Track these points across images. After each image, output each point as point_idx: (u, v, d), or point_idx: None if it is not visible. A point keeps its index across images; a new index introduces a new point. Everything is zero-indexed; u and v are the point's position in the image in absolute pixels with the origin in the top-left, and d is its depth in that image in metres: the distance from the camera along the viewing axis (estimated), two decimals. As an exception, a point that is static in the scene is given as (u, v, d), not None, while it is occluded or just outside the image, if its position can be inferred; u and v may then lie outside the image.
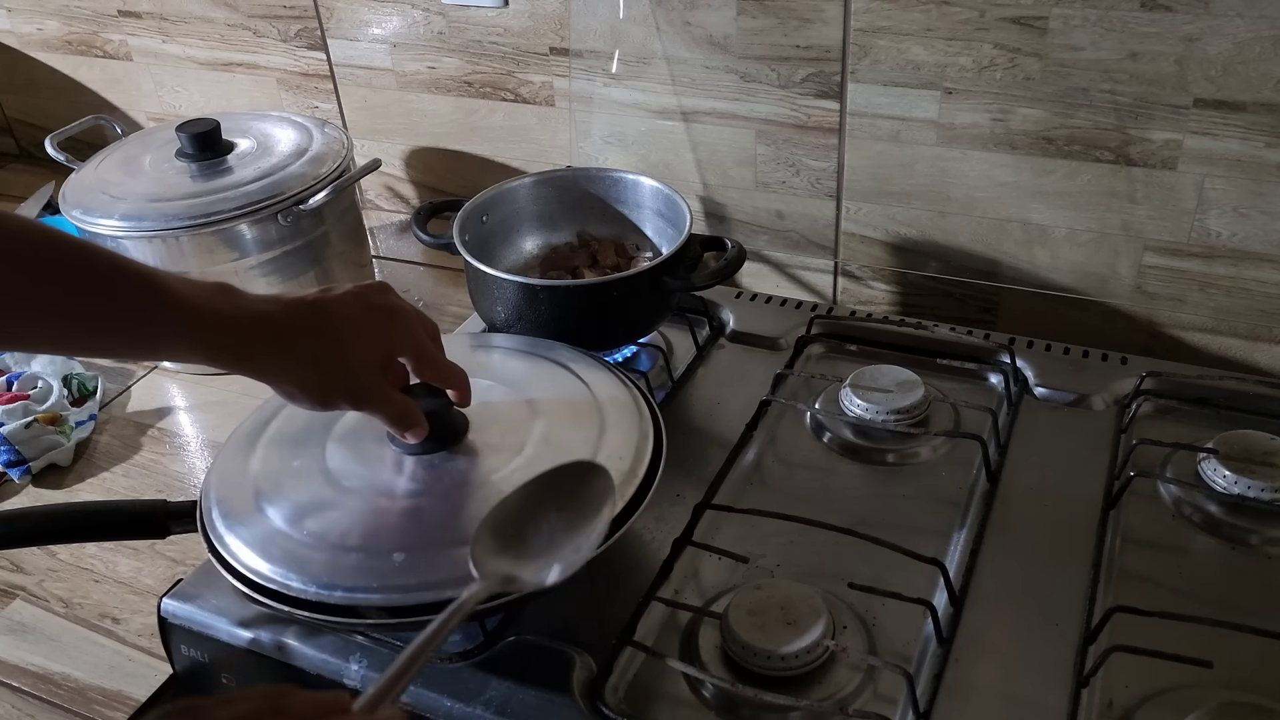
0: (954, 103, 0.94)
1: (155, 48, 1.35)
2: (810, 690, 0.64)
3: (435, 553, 0.63)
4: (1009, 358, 0.91)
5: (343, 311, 0.65)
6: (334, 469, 0.71)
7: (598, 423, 0.73)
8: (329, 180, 1.06)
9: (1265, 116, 0.84)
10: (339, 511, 0.67)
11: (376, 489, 0.69)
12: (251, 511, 0.68)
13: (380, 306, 0.66)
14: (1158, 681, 0.63)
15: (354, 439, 0.73)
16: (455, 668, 0.68)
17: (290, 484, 0.70)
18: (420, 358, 0.68)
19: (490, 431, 0.72)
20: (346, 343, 0.64)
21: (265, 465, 0.72)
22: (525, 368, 0.80)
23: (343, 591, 0.62)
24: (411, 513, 0.67)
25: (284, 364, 0.64)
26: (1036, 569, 0.72)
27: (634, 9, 1.03)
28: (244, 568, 0.65)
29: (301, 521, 0.67)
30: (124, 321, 0.60)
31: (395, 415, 0.67)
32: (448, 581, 0.61)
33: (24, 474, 0.95)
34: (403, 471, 0.70)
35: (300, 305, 0.64)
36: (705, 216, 1.12)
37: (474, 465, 0.70)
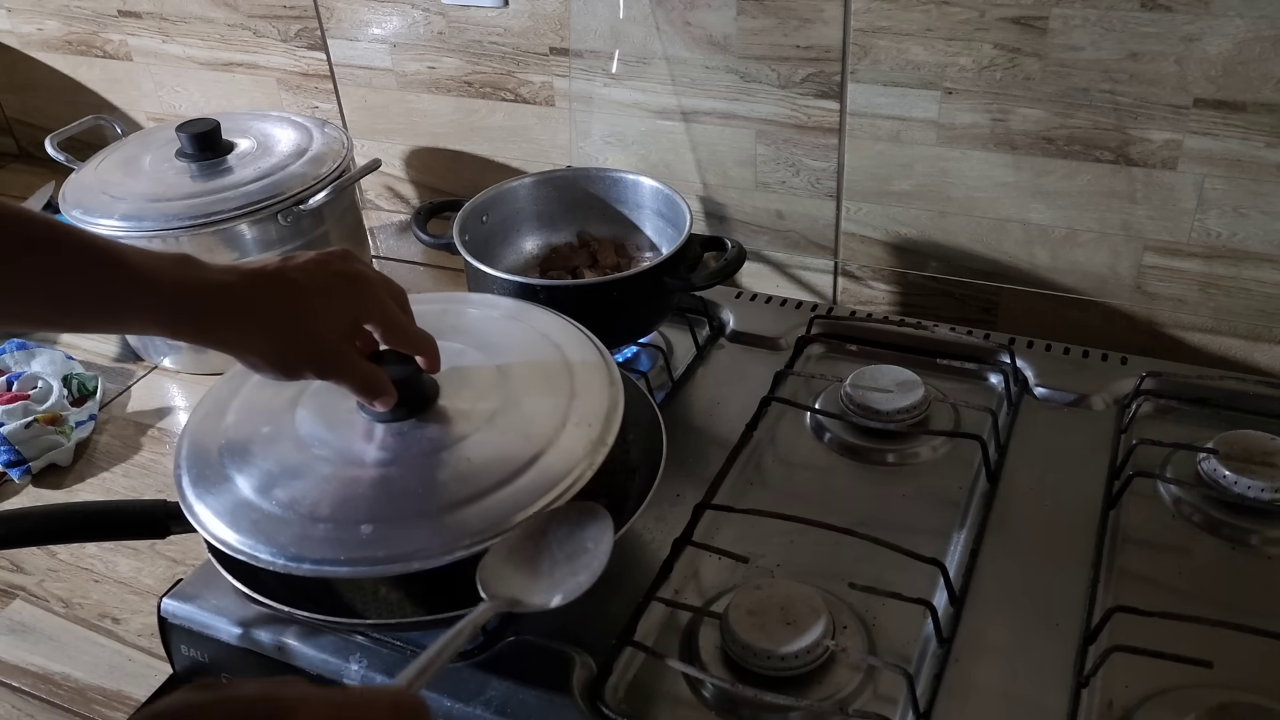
0: (954, 103, 0.94)
1: (155, 48, 1.35)
2: (810, 690, 0.64)
3: (403, 525, 0.62)
4: (1009, 358, 0.91)
5: (304, 280, 0.63)
6: (304, 435, 0.69)
7: (568, 389, 0.71)
8: (329, 180, 1.06)
9: (1265, 116, 0.84)
10: (308, 480, 0.66)
11: (345, 457, 0.67)
12: (221, 480, 0.67)
13: (343, 273, 0.65)
14: (1158, 681, 0.63)
15: (324, 405, 0.71)
16: (455, 668, 0.68)
17: (259, 451, 0.69)
18: (387, 324, 0.67)
19: (460, 397, 0.71)
20: (309, 311, 0.63)
21: (235, 431, 0.71)
22: (495, 330, 0.79)
23: (310, 564, 0.61)
24: (380, 482, 0.66)
25: (245, 335, 0.62)
26: (1036, 569, 0.72)
27: (634, 9, 1.03)
28: (213, 538, 0.64)
29: (270, 490, 0.65)
30: (85, 295, 0.59)
31: (362, 384, 0.66)
32: (415, 554, 0.60)
33: (24, 474, 0.95)
34: (372, 439, 0.68)
35: (261, 275, 0.62)
36: (705, 216, 1.12)
37: (444, 432, 0.68)
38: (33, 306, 0.59)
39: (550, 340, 0.77)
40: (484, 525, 0.61)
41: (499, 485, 0.63)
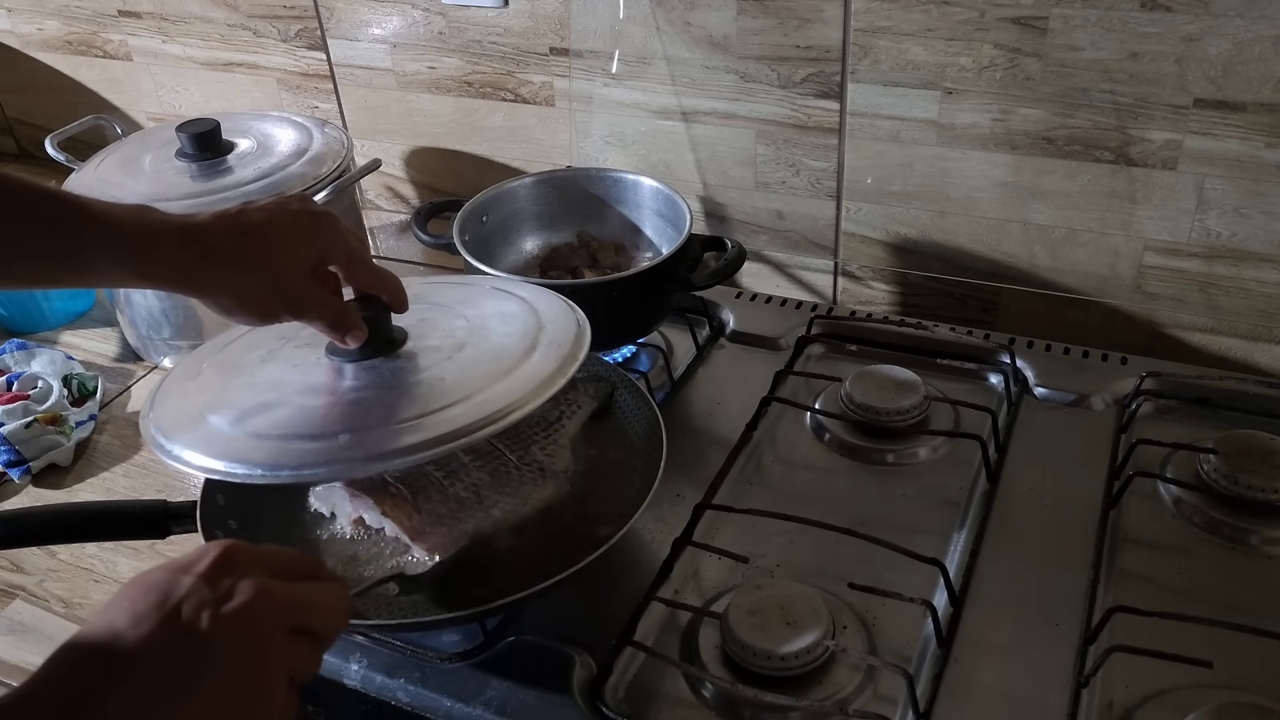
0: (954, 103, 0.94)
1: (155, 48, 1.35)
2: (810, 690, 0.64)
3: (380, 430, 0.61)
4: (1009, 358, 0.91)
5: (266, 219, 0.63)
6: (277, 378, 0.69)
7: (535, 324, 0.72)
8: (329, 180, 1.06)
9: (1265, 116, 0.84)
10: (283, 410, 0.66)
11: (319, 390, 0.67)
12: (196, 424, 0.66)
13: (303, 212, 0.65)
14: (1158, 681, 0.63)
15: (295, 356, 0.71)
16: (455, 668, 0.68)
17: (234, 397, 0.68)
18: (352, 262, 0.67)
19: (428, 338, 0.71)
20: (276, 249, 0.63)
21: (206, 389, 0.70)
22: (460, 292, 0.79)
23: (290, 470, 0.60)
24: (354, 403, 0.65)
25: (213, 276, 0.62)
26: (1036, 569, 0.72)
27: (634, 9, 1.03)
28: (187, 466, 0.63)
29: (244, 423, 0.65)
30: (50, 246, 0.59)
31: (333, 319, 0.65)
32: (395, 452, 0.60)
33: (24, 474, 0.95)
34: (344, 376, 0.68)
35: (224, 218, 0.62)
36: (705, 216, 1.12)
37: (415, 363, 0.68)
38: None
39: (513, 294, 0.78)
40: (466, 423, 0.61)
41: (476, 393, 0.63)
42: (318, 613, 0.48)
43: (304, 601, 0.48)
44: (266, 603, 0.45)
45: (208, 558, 0.46)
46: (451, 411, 0.62)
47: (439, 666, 0.68)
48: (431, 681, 0.67)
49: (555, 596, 0.65)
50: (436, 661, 0.68)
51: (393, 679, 0.68)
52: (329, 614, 0.49)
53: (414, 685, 0.67)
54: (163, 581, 0.45)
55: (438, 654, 0.68)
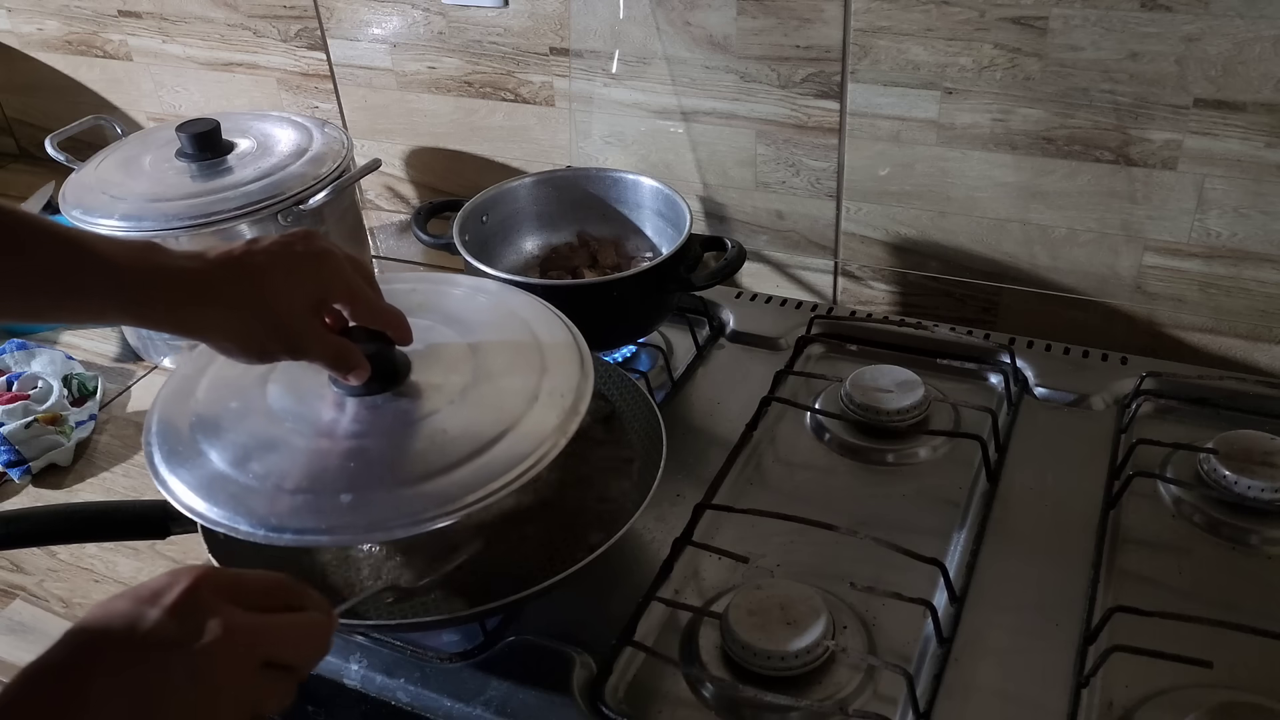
0: (954, 103, 0.94)
1: (155, 48, 1.35)
2: (810, 690, 0.64)
3: (382, 492, 0.61)
4: (1009, 358, 0.91)
5: (267, 261, 0.63)
6: (276, 409, 0.69)
7: (539, 363, 0.71)
8: (329, 180, 1.06)
9: (1265, 116, 0.84)
10: (282, 452, 0.65)
11: (319, 429, 0.67)
12: (194, 455, 0.66)
13: (307, 252, 0.64)
14: (1158, 681, 0.63)
15: (295, 380, 0.71)
16: (455, 668, 0.68)
17: (231, 425, 0.68)
18: (354, 300, 0.66)
19: (432, 371, 0.70)
20: (273, 291, 0.62)
21: (205, 407, 0.70)
22: (466, 307, 0.79)
23: (292, 534, 0.60)
24: (357, 453, 0.65)
25: (210, 316, 0.62)
26: (1036, 569, 0.72)
27: (634, 9, 1.03)
28: (190, 512, 0.63)
29: (246, 463, 0.65)
30: (50, 284, 0.59)
31: (333, 358, 0.65)
32: (396, 521, 0.60)
33: (24, 474, 0.94)
34: (345, 412, 0.68)
35: (224, 258, 0.62)
36: (705, 216, 1.12)
37: (417, 405, 0.68)
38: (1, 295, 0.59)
39: (519, 318, 0.77)
40: (462, 492, 0.61)
41: (475, 454, 0.63)
42: (291, 646, 0.47)
43: (276, 635, 0.47)
44: (235, 641, 0.44)
45: (175, 590, 0.45)
46: (454, 476, 0.62)
47: (439, 666, 0.68)
48: (431, 681, 0.67)
49: (555, 596, 0.65)
50: (436, 661, 0.68)
51: (393, 679, 0.68)
52: (303, 645, 0.48)
53: (414, 685, 0.67)
54: (127, 613, 0.44)
55: (438, 654, 0.68)
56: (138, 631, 0.43)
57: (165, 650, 0.43)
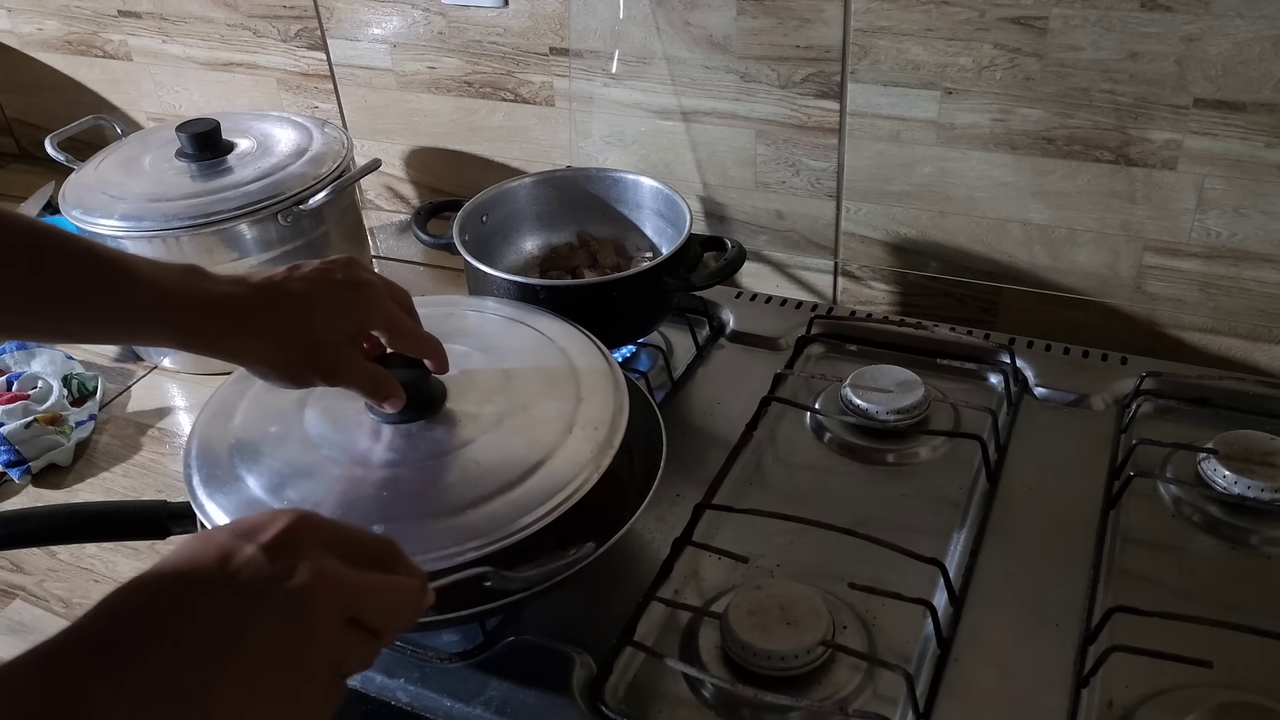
0: (954, 103, 0.94)
1: (155, 48, 1.35)
2: (810, 690, 0.64)
3: (414, 525, 0.62)
4: (1009, 358, 0.91)
5: (307, 289, 0.64)
6: (312, 436, 0.70)
7: (574, 392, 0.72)
8: (329, 180, 1.06)
9: (1265, 116, 0.84)
10: (318, 480, 0.67)
11: (354, 458, 0.68)
12: (231, 479, 0.67)
13: (346, 281, 0.66)
14: (1158, 681, 0.63)
15: (332, 406, 0.72)
16: (455, 668, 0.68)
17: (269, 450, 0.69)
18: (392, 329, 0.68)
19: (468, 399, 0.71)
20: (311, 320, 0.64)
21: (244, 432, 0.71)
22: (502, 333, 0.80)
23: None
24: (390, 483, 0.66)
25: (249, 343, 0.64)
26: (1036, 569, 0.72)
27: (634, 9, 1.03)
28: None
29: (281, 490, 0.66)
30: (93, 306, 0.60)
31: (369, 386, 0.67)
32: (426, 554, 0.60)
33: (24, 474, 0.94)
34: (380, 440, 0.69)
35: (265, 285, 0.64)
36: (705, 216, 1.12)
37: (451, 435, 0.69)
38: (41, 317, 0.60)
39: (555, 344, 0.78)
40: (493, 526, 0.62)
41: (509, 487, 0.64)
42: (379, 608, 0.46)
43: (367, 593, 0.45)
44: (325, 589, 0.43)
45: (274, 527, 0.44)
46: (486, 509, 0.63)
47: (439, 666, 0.68)
48: (431, 681, 0.67)
49: (555, 596, 0.65)
50: (436, 661, 0.68)
51: (393, 679, 0.68)
52: (391, 611, 0.47)
53: (414, 685, 0.67)
54: (224, 545, 0.43)
55: (438, 654, 0.68)
56: (230, 565, 0.42)
57: (255, 586, 0.42)
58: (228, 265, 1.02)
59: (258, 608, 0.41)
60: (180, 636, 0.40)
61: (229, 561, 0.42)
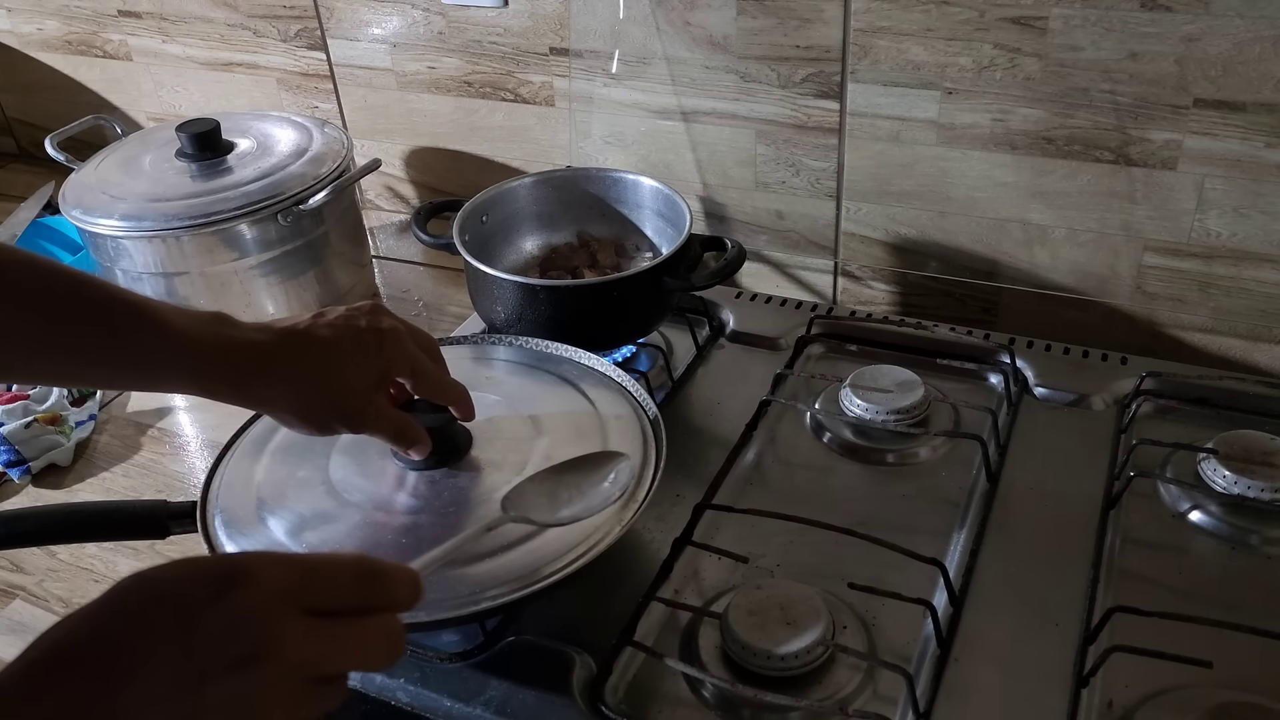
0: (954, 103, 0.94)
1: (155, 48, 1.35)
2: (810, 690, 0.64)
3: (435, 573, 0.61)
4: (1009, 358, 0.91)
5: (331, 336, 0.65)
6: (337, 481, 0.71)
7: (600, 441, 0.73)
8: (329, 180, 1.06)
9: (1265, 116, 0.84)
10: (340, 526, 0.67)
11: (378, 504, 0.69)
12: (254, 522, 0.68)
13: (370, 329, 0.66)
14: (1158, 681, 0.63)
15: (359, 451, 0.73)
16: (455, 668, 0.68)
17: (293, 495, 0.70)
18: (418, 376, 0.68)
19: (493, 447, 0.72)
20: (337, 367, 0.64)
21: (270, 474, 0.72)
22: (528, 381, 0.81)
23: None
24: (412, 529, 0.67)
25: (275, 392, 0.64)
26: (1036, 569, 0.72)
27: (634, 9, 1.03)
28: None
29: (301, 534, 0.67)
30: (119, 353, 0.60)
31: (395, 433, 0.68)
32: (446, 602, 0.61)
33: (24, 474, 0.94)
34: (405, 487, 0.70)
35: (291, 333, 0.64)
36: (705, 216, 1.12)
37: (476, 482, 0.70)
38: (65, 364, 0.60)
39: (580, 391, 0.78)
40: (512, 577, 0.62)
41: (528, 538, 0.64)
42: (355, 660, 0.43)
43: (338, 654, 0.42)
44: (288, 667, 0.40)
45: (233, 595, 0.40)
46: (505, 559, 0.63)
47: (439, 666, 0.68)
48: (431, 681, 0.67)
49: (555, 596, 0.65)
50: (436, 661, 0.68)
51: (393, 679, 0.68)
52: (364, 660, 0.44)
53: (414, 685, 0.67)
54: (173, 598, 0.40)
55: (438, 654, 0.68)
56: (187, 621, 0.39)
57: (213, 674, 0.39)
58: (228, 265, 1.02)
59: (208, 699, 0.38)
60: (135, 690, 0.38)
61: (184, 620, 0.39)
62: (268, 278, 1.05)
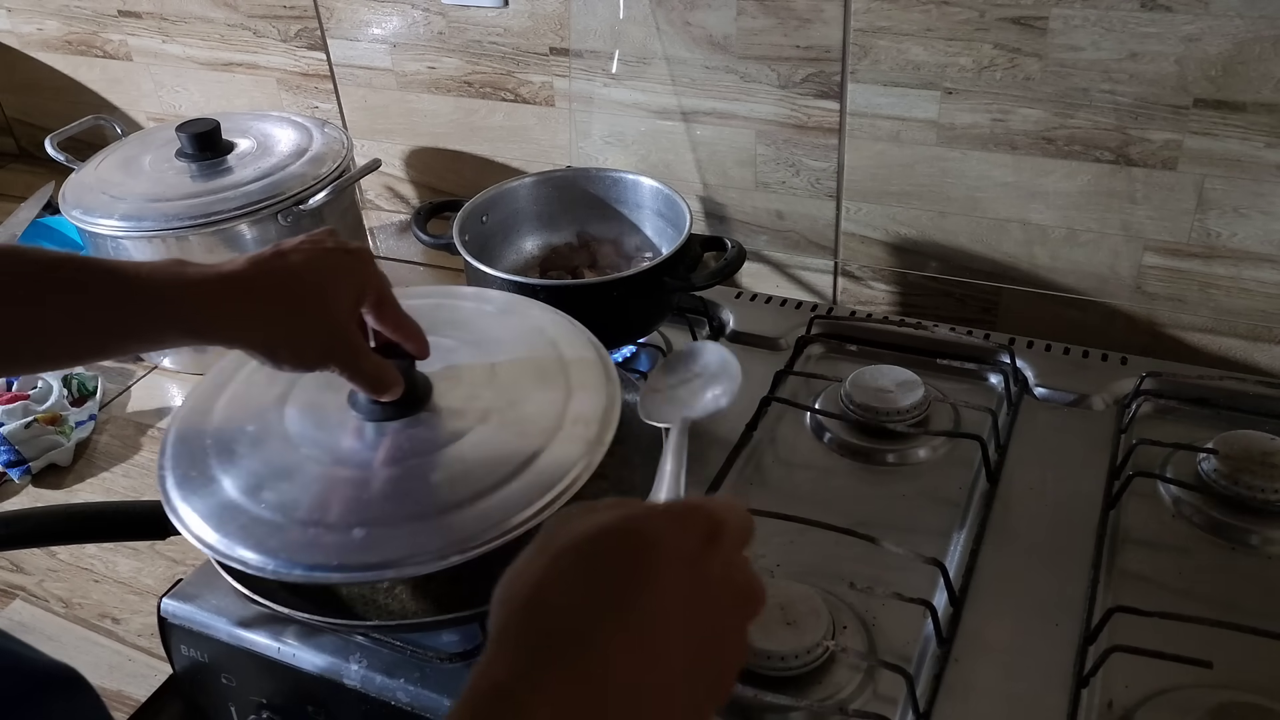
0: (954, 103, 0.94)
1: (155, 48, 1.35)
2: (810, 690, 0.64)
3: (397, 528, 0.60)
4: (1009, 358, 0.91)
5: (308, 259, 0.61)
6: (292, 434, 0.67)
7: (564, 386, 0.70)
8: (329, 180, 1.06)
9: (1265, 116, 0.84)
10: (297, 481, 0.64)
11: (336, 457, 0.65)
12: (207, 481, 0.65)
13: (339, 248, 0.63)
14: (1158, 681, 0.63)
15: (313, 402, 0.69)
16: (455, 668, 0.68)
17: (247, 450, 0.67)
18: (383, 303, 0.65)
19: (453, 395, 0.69)
20: (323, 289, 0.61)
21: (222, 430, 0.69)
22: (488, 325, 0.77)
23: (302, 570, 0.59)
24: (372, 484, 0.63)
25: (265, 322, 0.61)
26: (1036, 569, 0.72)
27: (634, 9, 1.03)
28: (199, 542, 0.61)
29: (258, 492, 0.63)
30: (109, 317, 0.59)
31: (373, 375, 0.64)
32: (409, 558, 0.58)
33: (24, 474, 0.95)
34: (363, 438, 0.66)
35: (259, 262, 0.61)
36: (705, 216, 1.12)
37: (435, 432, 0.66)
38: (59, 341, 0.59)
39: (545, 335, 0.75)
40: (480, 528, 0.59)
41: (495, 487, 0.62)
42: None
43: None
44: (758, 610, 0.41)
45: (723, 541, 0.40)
46: (471, 510, 0.60)
47: (439, 666, 0.68)
48: (431, 681, 0.67)
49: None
50: (436, 661, 0.68)
51: (393, 679, 0.68)
52: None
53: (414, 685, 0.67)
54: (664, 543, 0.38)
55: (438, 654, 0.68)
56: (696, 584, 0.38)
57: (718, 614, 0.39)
58: (228, 265, 1.02)
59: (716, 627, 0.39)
60: None
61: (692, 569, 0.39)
62: (268, 278, 1.05)
